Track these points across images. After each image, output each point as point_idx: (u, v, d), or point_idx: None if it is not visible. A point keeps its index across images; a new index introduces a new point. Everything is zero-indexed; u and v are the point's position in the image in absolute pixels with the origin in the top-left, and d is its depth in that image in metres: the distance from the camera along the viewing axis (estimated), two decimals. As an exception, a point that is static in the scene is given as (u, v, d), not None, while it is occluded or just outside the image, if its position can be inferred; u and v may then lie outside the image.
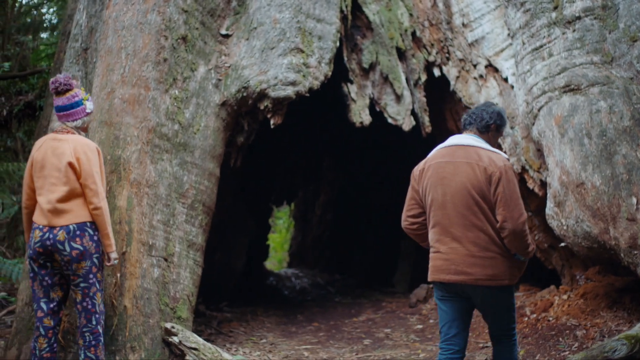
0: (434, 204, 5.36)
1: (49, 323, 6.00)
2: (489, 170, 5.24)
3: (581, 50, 8.09)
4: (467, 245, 5.20)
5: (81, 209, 5.93)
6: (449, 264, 5.22)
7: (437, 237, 5.34)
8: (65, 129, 6.07)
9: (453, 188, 5.28)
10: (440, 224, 5.33)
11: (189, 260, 7.35)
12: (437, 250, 5.35)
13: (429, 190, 5.41)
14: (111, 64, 7.35)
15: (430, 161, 5.53)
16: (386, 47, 9.91)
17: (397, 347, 8.40)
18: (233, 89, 7.99)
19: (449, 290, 5.34)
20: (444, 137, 11.09)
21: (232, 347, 8.18)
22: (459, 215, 5.23)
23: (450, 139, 5.65)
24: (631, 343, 6.04)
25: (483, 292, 5.24)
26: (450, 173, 5.33)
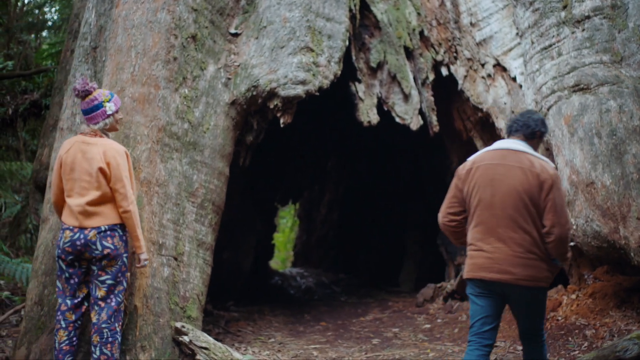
0: (481, 204, 5.48)
1: (70, 317, 6.11)
2: (541, 177, 5.39)
3: (590, 50, 8.08)
4: (512, 246, 5.34)
5: (111, 212, 6.08)
6: (492, 262, 5.37)
7: (480, 236, 5.45)
8: (92, 132, 6.20)
9: (504, 190, 5.42)
10: (485, 223, 5.45)
11: (199, 260, 7.33)
12: (479, 249, 5.46)
13: (476, 190, 5.53)
14: (121, 63, 7.32)
15: (479, 162, 5.63)
16: (394, 46, 9.90)
17: (406, 346, 8.38)
18: (242, 87, 7.97)
19: (487, 287, 5.47)
20: (451, 137, 11.25)
21: (241, 347, 8.15)
22: (507, 217, 5.37)
23: (499, 143, 5.75)
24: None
25: (521, 292, 5.38)
26: (501, 175, 5.46)
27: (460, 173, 5.75)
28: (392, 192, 17.34)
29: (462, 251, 12.21)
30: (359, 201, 18.99)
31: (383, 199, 17.89)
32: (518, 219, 5.37)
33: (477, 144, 10.59)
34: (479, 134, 10.57)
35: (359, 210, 19.02)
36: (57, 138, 7.89)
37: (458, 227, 5.79)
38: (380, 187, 17.75)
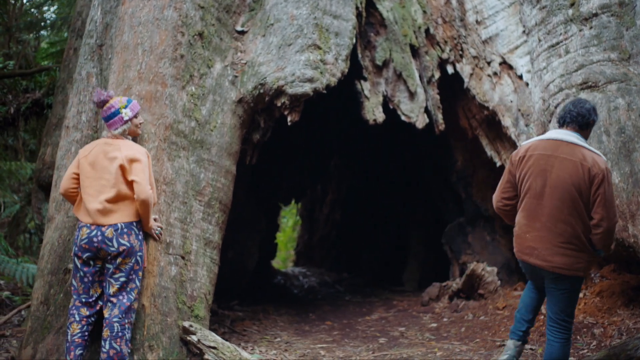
0: (530, 192, 5.81)
1: (84, 312, 6.26)
2: (592, 171, 5.61)
3: (598, 47, 8.10)
4: (554, 235, 5.67)
5: (129, 209, 6.26)
6: (532, 249, 5.78)
7: (525, 221, 5.84)
8: (113, 136, 6.44)
9: (553, 181, 5.69)
10: (531, 211, 5.79)
11: (206, 259, 7.29)
12: (524, 233, 5.85)
13: (527, 178, 5.83)
14: (127, 60, 7.28)
15: (532, 151, 5.89)
16: (400, 44, 9.87)
17: (413, 345, 8.33)
18: (249, 85, 7.92)
19: (529, 269, 5.99)
20: (456, 135, 11.22)
21: (247, 346, 8.10)
22: (554, 207, 5.67)
23: (552, 133, 5.98)
24: (654, 341, 5.98)
25: (558, 279, 5.74)
26: (552, 167, 5.73)
27: (513, 159, 6.04)
28: (396, 191, 17.31)
29: (466, 250, 12.20)
30: (362, 200, 18.98)
31: (386, 198, 17.87)
32: (563, 210, 5.63)
33: (483, 143, 10.57)
34: (484, 132, 10.54)
35: (362, 210, 19.00)
36: (63, 136, 7.84)
37: (511, 211, 6.12)
38: (384, 186, 17.72)
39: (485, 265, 10.64)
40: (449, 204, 13.65)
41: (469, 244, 12.28)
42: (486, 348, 7.90)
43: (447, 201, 13.69)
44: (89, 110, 7.81)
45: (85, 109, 7.85)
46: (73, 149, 7.64)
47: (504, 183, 6.15)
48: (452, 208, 13.49)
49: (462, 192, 12.45)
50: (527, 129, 9.30)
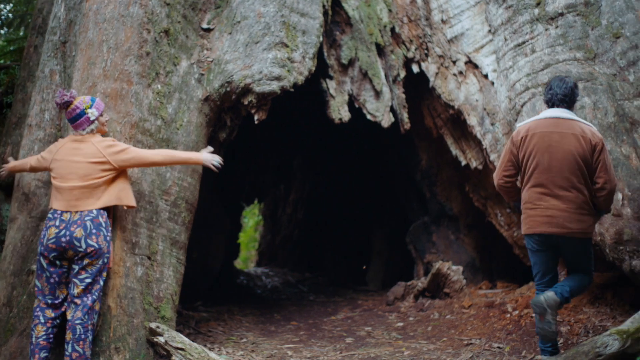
0: (539, 168, 6.30)
1: (50, 314, 6.19)
2: (593, 141, 6.26)
3: (564, 47, 8.14)
4: (567, 203, 6.23)
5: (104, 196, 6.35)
6: (550, 218, 6.24)
7: (538, 195, 6.31)
8: (81, 136, 6.46)
9: (560, 155, 6.23)
10: (543, 184, 6.29)
11: (172, 259, 7.21)
12: (538, 207, 6.31)
13: (533, 155, 6.33)
14: (92, 58, 7.17)
15: (533, 130, 6.40)
16: (365, 43, 9.84)
17: (380, 345, 8.30)
18: (216, 83, 7.83)
19: (544, 241, 6.36)
20: (420, 134, 11.22)
21: (214, 347, 8.01)
22: (564, 178, 6.23)
23: (548, 112, 6.51)
24: (623, 338, 5.99)
25: (574, 243, 6.32)
26: (557, 142, 6.27)
27: (515, 139, 6.49)
28: (360, 190, 17.31)
29: (431, 249, 12.22)
30: (326, 199, 18.93)
31: (350, 197, 17.85)
32: (572, 179, 6.23)
33: (448, 142, 10.58)
34: (449, 131, 10.55)
35: (326, 209, 18.94)
36: (26, 135, 7.71)
37: (512, 188, 6.64)
38: (348, 185, 17.71)
39: (450, 264, 10.66)
40: (413, 203, 13.64)
41: (434, 243, 12.30)
42: (453, 347, 7.89)
43: (411, 200, 13.69)
44: (52, 109, 7.69)
45: (49, 107, 7.73)
46: (36, 148, 7.52)
47: (505, 162, 6.56)
48: (416, 207, 13.49)
49: (426, 191, 12.45)
50: (493, 128, 9.30)
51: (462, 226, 12.04)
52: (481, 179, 10.60)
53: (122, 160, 6.40)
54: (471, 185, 11.00)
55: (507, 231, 10.43)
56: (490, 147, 9.33)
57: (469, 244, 11.90)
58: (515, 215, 10.19)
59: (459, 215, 11.98)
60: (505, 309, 8.91)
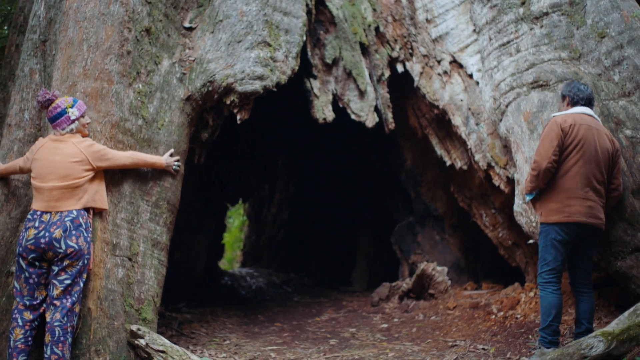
0: (583, 158, 6.53)
1: (28, 316, 6.13)
2: (615, 144, 6.76)
3: (549, 46, 8.15)
4: (598, 196, 6.59)
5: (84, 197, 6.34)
6: (589, 209, 6.51)
7: (578, 185, 6.53)
8: (61, 135, 6.44)
9: (599, 150, 6.56)
10: (584, 175, 6.53)
11: (154, 260, 7.12)
12: (577, 197, 6.52)
13: (580, 145, 6.54)
14: (72, 57, 7.08)
15: (579, 121, 6.63)
16: (349, 42, 9.78)
17: (365, 346, 8.25)
18: (198, 83, 7.75)
19: (575, 231, 6.56)
20: (405, 134, 11.19)
21: (196, 349, 7.97)
22: (598, 172, 6.57)
23: (582, 109, 6.81)
24: (608, 340, 5.98)
25: (597, 234, 6.70)
26: (595, 137, 6.59)
27: (563, 126, 6.60)
28: (344, 190, 17.27)
29: (416, 250, 12.18)
30: (310, 200, 18.85)
31: (335, 197, 17.81)
32: (602, 175, 6.60)
33: (432, 142, 10.55)
34: (434, 131, 10.51)
35: (310, 209, 18.87)
36: (5, 135, 7.60)
37: (552, 172, 6.63)
38: (332, 186, 17.66)
39: (435, 265, 10.63)
40: (398, 204, 13.61)
41: (419, 244, 12.27)
42: (438, 348, 7.85)
43: (396, 200, 13.65)
44: (32, 108, 7.61)
45: (28, 106, 7.64)
46: (15, 148, 7.43)
47: (554, 147, 6.56)
48: (401, 207, 13.46)
49: (411, 191, 12.42)
50: (478, 127, 9.28)
51: (447, 226, 12.01)
52: (466, 179, 10.55)
53: (101, 161, 6.46)
54: (456, 185, 10.97)
55: (492, 232, 10.40)
56: (475, 147, 9.30)
57: (454, 244, 11.88)
58: (499, 215, 10.17)
59: (444, 216, 11.95)
60: (490, 310, 8.90)
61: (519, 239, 9.83)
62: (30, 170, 6.50)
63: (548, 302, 6.60)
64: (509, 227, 9.94)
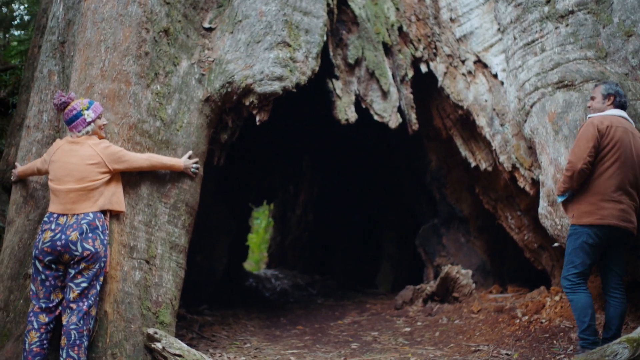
0: (619, 161, 6.49)
1: (43, 319, 6.09)
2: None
3: (575, 45, 8.02)
4: (631, 200, 6.55)
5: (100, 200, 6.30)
6: (623, 212, 6.46)
7: (614, 188, 6.47)
8: (77, 138, 6.41)
9: (634, 153, 6.54)
10: (618, 178, 6.48)
11: (172, 263, 7.07)
12: (612, 199, 6.46)
13: (617, 147, 6.50)
14: (90, 58, 7.05)
15: (616, 124, 6.58)
16: (372, 42, 9.69)
17: (386, 351, 8.14)
18: (217, 84, 7.69)
19: (607, 235, 6.49)
20: (429, 135, 11.08)
21: (216, 352, 7.89)
22: (632, 175, 6.54)
23: (619, 111, 6.76)
24: (633, 346, 5.85)
25: (629, 238, 6.64)
26: (631, 140, 6.57)
27: (600, 127, 6.54)
28: (369, 192, 17.18)
29: (441, 252, 12.05)
30: (335, 201, 18.81)
31: (359, 198, 17.73)
32: (636, 178, 6.57)
33: (457, 143, 10.43)
34: (458, 132, 10.40)
35: (335, 211, 18.84)
36: (24, 136, 7.65)
37: (587, 174, 6.56)
38: (357, 187, 17.59)
39: (459, 268, 10.50)
40: (422, 205, 13.51)
41: (444, 246, 12.16)
42: (461, 353, 7.71)
43: (421, 202, 13.56)
44: (51, 110, 7.63)
45: (47, 108, 7.67)
46: (34, 150, 7.47)
47: (590, 148, 6.49)
48: (426, 209, 13.36)
49: (436, 193, 12.32)
50: (502, 128, 9.16)
51: (473, 229, 11.89)
52: (491, 180, 10.42)
53: (118, 163, 6.42)
54: (481, 187, 10.84)
55: (518, 234, 10.26)
56: (499, 148, 9.18)
57: (479, 246, 11.75)
58: (525, 217, 10.03)
59: (470, 218, 11.83)
60: (515, 314, 8.76)
61: (545, 242, 9.68)
62: (47, 172, 6.48)
63: (582, 303, 6.54)
64: (535, 229, 9.79)
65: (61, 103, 6.41)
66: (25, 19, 17.77)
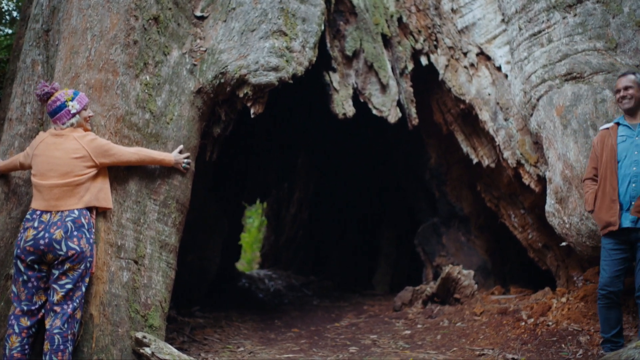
0: None
1: (25, 323, 5.86)
2: None
3: (583, 36, 7.84)
4: None
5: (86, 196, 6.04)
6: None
7: None
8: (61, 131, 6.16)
9: None
10: None
11: (162, 263, 6.79)
12: None
13: None
14: (75, 46, 6.78)
15: None
16: (371, 33, 9.51)
17: (386, 354, 7.89)
18: (209, 75, 7.39)
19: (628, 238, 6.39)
20: (429, 131, 10.85)
21: (208, 357, 7.65)
22: None
23: None
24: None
25: None
26: None
27: None
28: (366, 189, 17.04)
29: (440, 252, 11.86)
30: (331, 199, 18.64)
31: (356, 196, 17.58)
32: None
33: (459, 138, 10.24)
34: (460, 127, 10.19)
35: (331, 209, 18.68)
36: (6, 129, 7.33)
37: None
38: (353, 185, 17.43)
39: (461, 268, 10.26)
40: (422, 203, 13.37)
41: (443, 245, 12.02)
42: (464, 358, 7.48)
43: (419, 200, 13.42)
44: (34, 102, 7.31)
45: (30, 99, 7.35)
46: (16, 144, 7.15)
47: None
48: (425, 207, 13.22)
49: (435, 190, 12.17)
50: (506, 123, 8.95)
51: (474, 227, 11.74)
52: (494, 177, 10.24)
53: (104, 157, 6.18)
54: (483, 184, 10.66)
55: (521, 233, 10.05)
56: (503, 144, 8.98)
57: (480, 246, 11.58)
58: (529, 216, 9.82)
59: (470, 216, 11.67)
60: (520, 317, 8.51)
61: (550, 241, 9.51)
62: (30, 167, 6.24)
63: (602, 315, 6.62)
64: (539, 228, 9.61)
65: (44, 93, 6.16)
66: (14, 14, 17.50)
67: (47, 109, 6.23)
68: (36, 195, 6.03)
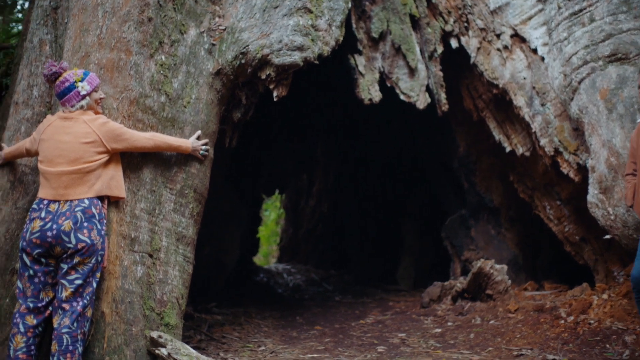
0: None
1: (31, 321, 5.60)
2: None
3: (628, 15, 7.53)
4: None
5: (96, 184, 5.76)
6: None
7: None
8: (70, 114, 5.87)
9: None
10: None
11: (178, 257, 6.47)
12: None
13: None
14: (85, 24, 6.46)
15: None
16: (398, 14, 9.18)
17: (417, 354, 7.53)
18: (229, 55, 7.01)
19: None
20: (458, 118, 10.45)
21: (227, 357, 7.33)
22: None
23: None
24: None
25: None
26: None
27: None
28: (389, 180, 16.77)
29: (469, 245, 11.52)
30: (352, 191, 18.38)
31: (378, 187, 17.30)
32: None
33: (490, 126, 9.85)
34: (492, 114, 9.79)
35: (351, 201, 18.41)
36: (12, 114, 7.07)
37: None
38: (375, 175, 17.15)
39: (493, 263, 9.82)
40: (449, 194, 13.07)
41: (472, 239, 11.69)
42: (501, 358, 7.08)
43: (447, 191, 13.14)
44: (42, 84, 7.02)
45: (37, 82, 7.05)
46: (23, 129, 6.88)
47: None
48: (452, 199, 12.92)
49: (464, 181, 11.83)
50: (543, 108, 8.58)
51: (504, 220, 11.40)
52: (528, 167, 9.87)
53: (117, 142, 5.88)
54: (516, 174, 10.29)
55: (557, 226, 9.66)
56: (540, 131, 8.60)
57: (510, 239, 11.25)
58: (565, 207, 9.42)
59: (501, 208, 11.33)
60: (558, 314, 8.14)
61: (588, 234, 9.14)
62: (37, 153, 5.95)
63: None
64: (576, 220, 9.26)
65: (51, 74, 5.87)
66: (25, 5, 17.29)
67: (55, 91, 5.94)
68: (43, 183, 5.75)
